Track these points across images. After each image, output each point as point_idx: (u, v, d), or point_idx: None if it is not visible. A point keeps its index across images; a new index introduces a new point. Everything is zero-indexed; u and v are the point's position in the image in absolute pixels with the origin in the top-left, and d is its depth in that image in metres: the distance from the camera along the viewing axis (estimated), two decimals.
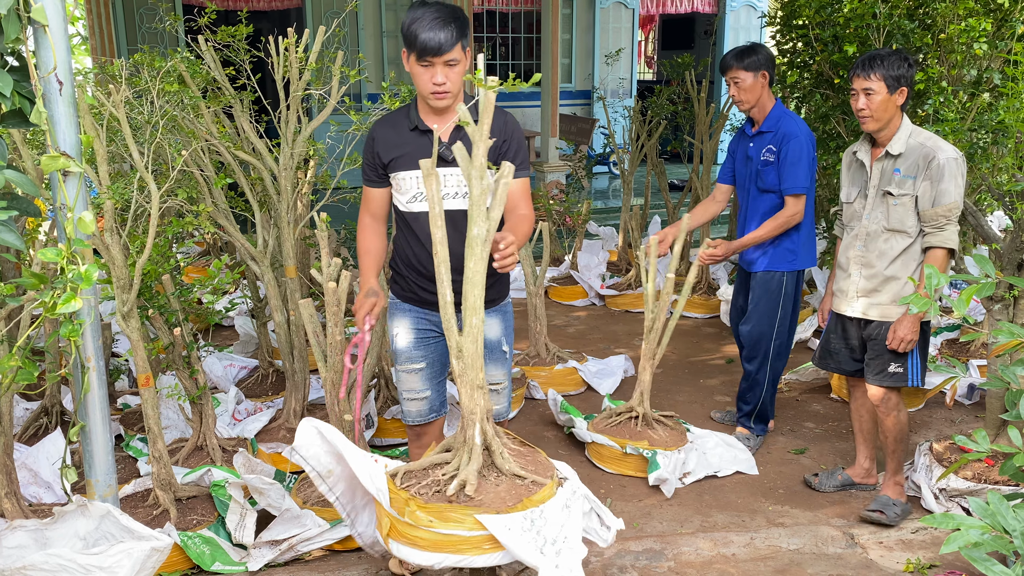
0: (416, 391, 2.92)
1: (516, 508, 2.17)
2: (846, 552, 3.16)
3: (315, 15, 9.97)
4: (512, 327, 3.00)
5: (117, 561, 2.06)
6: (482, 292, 2.20)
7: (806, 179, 3.70)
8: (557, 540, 2.21)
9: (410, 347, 2.89)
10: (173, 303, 3.34)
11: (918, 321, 3.19)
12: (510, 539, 2.12)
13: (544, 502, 2.23)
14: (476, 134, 2.13)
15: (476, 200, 2.15)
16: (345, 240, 6.45)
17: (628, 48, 12.43)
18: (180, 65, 3.43)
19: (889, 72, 3.11)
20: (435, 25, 2.55)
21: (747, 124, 3.95)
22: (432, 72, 2.61)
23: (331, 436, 2.36)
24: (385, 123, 2.83)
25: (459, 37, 2.59)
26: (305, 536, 2.99)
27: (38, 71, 2.08)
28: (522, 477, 2.29)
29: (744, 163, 3.93)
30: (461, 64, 2.64)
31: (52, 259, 1.87)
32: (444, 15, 2.57)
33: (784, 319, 3.87)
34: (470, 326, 2.22)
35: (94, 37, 8.38)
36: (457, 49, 2.59)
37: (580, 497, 2.38)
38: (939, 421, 4.25)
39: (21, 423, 3.86)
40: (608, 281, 6.52)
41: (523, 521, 2.16)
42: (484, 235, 2.15)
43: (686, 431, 3.87)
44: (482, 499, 2.20)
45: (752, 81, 3.74)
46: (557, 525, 2.23)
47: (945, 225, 3.13)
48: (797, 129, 3.71)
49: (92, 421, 2.50)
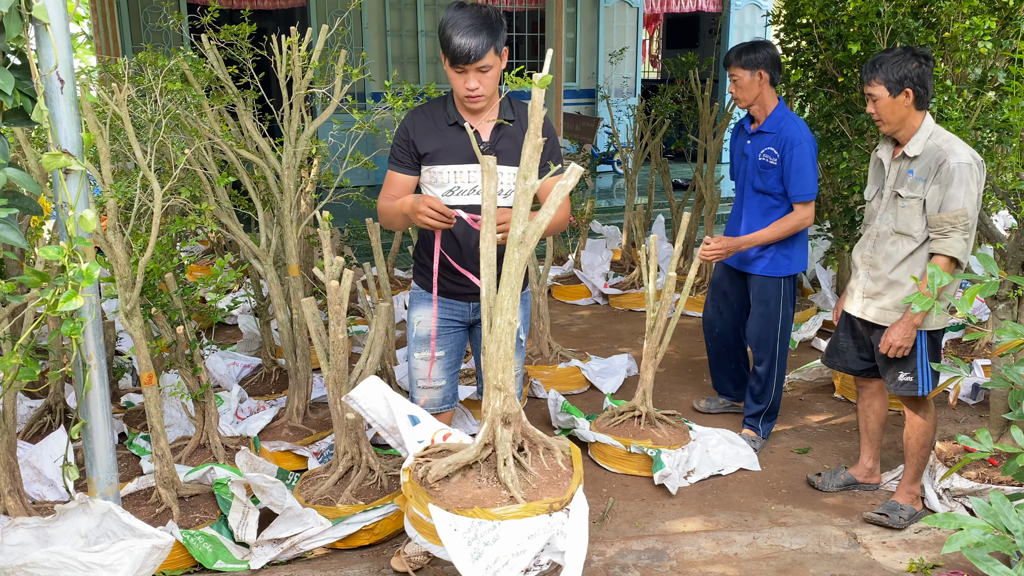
0: (433, 380, 2.98)
1: (466, 512, 2.16)
2: (849, 552, 3.15)
3: (319, 14, 9.97)
4: (529, 317, 3.04)
5: (118, 559, 2.06)
6: (517, 293, 2.16)
7: (814, 185, 3.72)
8: (499, 561, 2.13)
9: (430, 335, 2.94)
10: (176, 301, 3.34)
11: (911, 328, 3.12)
12: (450, 539, 2.12)
13: (503, 520, 2.15)
14: (531, 136, 2.06)
15: (519, 199, 2.10)
16: (348, 239, 6.45)
17: (632, 47, 12.40)
18: (183, 64, 3.44)
19: (889, 76, 3.07)
20: (468, 32, 2.56)
21: (746, 120, 3.96)
22: (465, 78, 2.65)
23: (393, 401, 2.48)
24: (422, 113, 2.85)
25: (491, 43, 2.59)
26: (307, 534, 3.00)
27: (39, 69, 2.08)
28: (508, 489, 2.23)
29: (740, 159, 3.96)
30: (495, 68, 2.66)
31: (53, 257, 1.87)
32: (478, 21, 2.58)
33: (787, 319, 3.93)
34: (497, 326, 2.19)
35: (99, 36, 8.40)
36: (490, 55, 2.61)
37: (556, 534, 2.22)
38: (944, 421, 4.24)
39: (25, 421, 3.87)
40: (611, 280, 6.51)
41: (469, 528, 2.14)
42: (520, 237, 2.11)
43: (689, 429, 3.86)
44: (446, 493, 2.22)
45: (749, 79, 3.75)
46: (509, 548, 2.14)
47: (950, 232, 3.04)
48: (799, 135, 3.71)
49: (93, 419, 2.50)
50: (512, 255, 2.11)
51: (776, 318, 3.90)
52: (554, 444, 2.39)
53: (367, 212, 7.02)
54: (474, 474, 2.27)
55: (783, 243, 3.84)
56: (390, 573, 2.97)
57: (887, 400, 3.56)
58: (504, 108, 2.82)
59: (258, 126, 3.74)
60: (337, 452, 3.28)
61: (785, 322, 3.92)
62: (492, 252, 2.18)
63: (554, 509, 2.19)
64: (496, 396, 2.23)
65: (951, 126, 3.56)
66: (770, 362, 3.95)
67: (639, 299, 6.23)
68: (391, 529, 3.16)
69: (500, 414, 2.25)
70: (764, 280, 3.89)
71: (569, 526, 2.20)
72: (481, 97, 2.68)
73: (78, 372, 2.41)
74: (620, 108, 11.69)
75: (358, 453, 3.26)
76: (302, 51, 3.51)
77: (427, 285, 2.95)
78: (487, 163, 2.10)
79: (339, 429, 3.25)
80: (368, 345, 3.15)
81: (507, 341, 2.18)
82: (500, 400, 2.24)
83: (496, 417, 2.26)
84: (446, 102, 2.83)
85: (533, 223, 2.09)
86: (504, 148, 2.78)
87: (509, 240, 2.12)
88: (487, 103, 2.73)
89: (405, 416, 2.50)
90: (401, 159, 2.85)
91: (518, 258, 2.11)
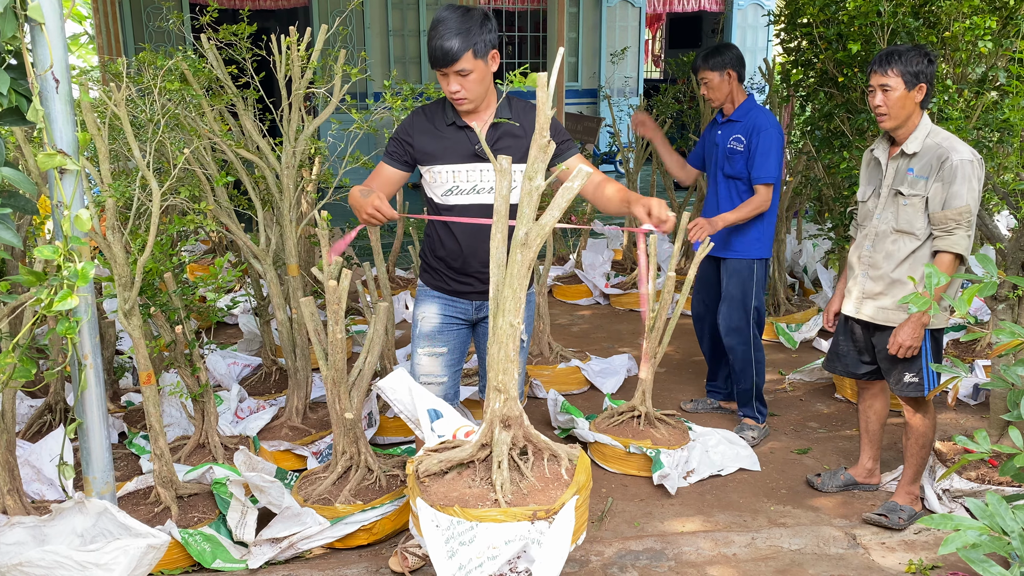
0: (435, 375, 2.99)
1: (446, 510, 2.16)
2: (848, 553, 3.15)
3: (321, 14, 9.98)
4: (533, 316, 3.09)
5: (113, 558, 2.06)
6: (521, 296, 2.15)
7: (775, 169, 3.91)
8: (472, 560, 2.12)
9: (434, 331, 2.96)
10: (175, 301, 3.34)
11: (920, 327, 3.09)
12: (430, 533, 2.14)
13: (482, 521, 2.14)
14: (538, 139, 2.04)
15: (524, 201, 2.08)
16: None
17: (634, 47, 12.40)
18: (182, 63, 3.44)
19: (907, 68, 3.04)
20: (446, 35, 2.56)
21: (719, 114, 4.17)
22: (447, 81, 2.66)
23: (417, 393, 2.53)
24: (423, 114, 2.86)
25: (468, 46, 2.58)
26: (305, 534, 2.99)
27: (35, 69, 2.08)
28: (497, 492, 2.22)
29: (712, 149, 4.15)
30: (477, 72, 2.64)
31: (49, 256, 1.87)
32: (456, 25, 2.57)
33: (759, 303, 4.11)
34: (499, 328, 2.18)
35: (100, 36, 8.41)
36: (467, 58, 2.59)
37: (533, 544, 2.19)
38: (944, 422, 4.22)
39: (26, 420, 3.88)
40: (613, 280, 6.50)
41: (450, 525, 2.15)
42: (524, 238, 2.10)
43: (688, 429, 3.86)
44: (435, 489, 2.23)
45: (719, 80, 3.99)
46: (482, 550, 2.12)
47: (954, 229, 3.03)
48: (767, 122, 3.93)
49: (89, 418, 2.50)
50: (515, 257, 2.11)
51: (749, 302, 4.06)
52: (562, 452, 2.36)
53: None
54: (470, 473, 2.27)
55: (754, 227, 4.01)
56: (388, 573, 2.97)
57: (888, 401, 3.54)
58: (502, 108, 2.81)
59: (258, 126, 3.75)
60: (336, 452, 3.28)
61: (758, 306, 4.08)
62: (502, 252, 2.18)
63: (537, 517, 2.14)
64: (496, 398, 2.23)
65: (951, 126, 3.55)
66: (745, 348, 4.08)
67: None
68: (389, 529, 3.15)
69: (500, 416, 2.25)
70: (738, 264, 4.06)
71: (548, 536, 2.14)
72: (464, 100, 2.68)
73: (74, 371, 2.41)
74: (622, 108, 11.68)
75: (357, 453, 3.26)
76: (301, 51, 3.51)
77: (432, 283, 2.97)
78: (500, 163, 2.11)
79: (338, 429, 3.24)
80: (367, 344, 3.15)
81: (508, 343, 2.17)
82: (500, 402, 2.23)
83: (495, 419, 2.25)
84: (444, 103, 2.84)
85: (536, 226, 2.08)
86: (503, 147, 2.78)
87: (513, 242, 2.11)
88: (472, 105, 2.72)
89: (425, 410, 2.53)
90: (392, 152, 2.87)
91: (520, 260, 2.10)
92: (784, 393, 4.71)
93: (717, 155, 4.09)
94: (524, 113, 2.84)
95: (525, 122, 2.81)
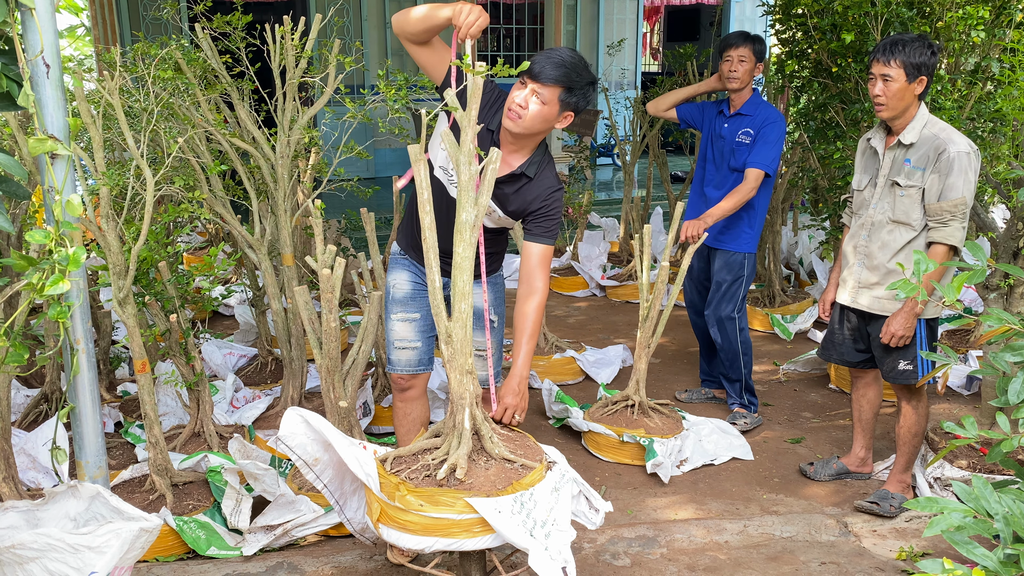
0: (408, 340, 2.99)
1: (506, 491, 2.19)
2: (839, 540, 3.16)
3: (318, 5, 9.97)
4: (503, 298, 3.07)
5: (105, 541, 2.07)
6: (471, 277, 2.24)
7: (774, 161, 3.93)
8: (547, 523, 2.23)
9: (407, 298, 2.98)
10: (170, 290, 3.35)
11: (912, 317, 3.11)
12: (500, 522, 2.13)
13: (533, 485, 2.25)
14: (464, 120, 2.14)
15: (464, 186, 2.17)
16: (345, 229, 6.45)
17: (632, 39, 12.39)
18: (176, 53, 3.44)
19: (910, 59, 3.02)
20: (559, 61, 2.55)
21: (724, 103, 4.15)
22: (520, 91, 2.58)
23: (317, 424, 2.36)
24: (490, 89, 2.72)
25: (564, 84, 2.55)
26: (300, 521, 3.01)
27: (25, 54, 2.08)
28: (511, 461, 2.31)
29: (716, 140, 4.16)
30: (548, 108, 2.57)
31: (40, 241, 1.88)
32: (574, 66, 2.56)
33: (746, 292, 4.17)
34: (459, 312, 2.23)
35: (97, 27, 8.40)
36: (554, 89, 2.55)
37: (569, 480, 2.39)
38: (937, 412, 4.24)
39: (22, 409, 3.89)
40: (609, 272, 6.52)
41: (513, 504, 2.17)
42: (472, 221, 2.18)
43: (682, 419, 3.87)
44: (472, 483, 2.22)
45: (751, 66, 3.99)
46: (546, 508, 2.25)
47: (949, 221, 3.04)
48: (775, 115, 4.00)
49: (82, 403, 2.51)
50: (463, 237, 2.18)
51: (738, 293, 4.12)
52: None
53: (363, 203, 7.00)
54: (469, 460, 2.30)
55: (746, 220, 4.04)
56: (382, 560, 2.98)
57: (881, 390, 3.56)
58: (532, 164, 2.72)
59: (253, 116, 3.75)
60: None
61: (745, 293, 4.15)
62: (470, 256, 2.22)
63: (549, 466, 2.36)
64: (468, 379, 2.30)
65: (944, 116, 3.56)
66: (732, 334, 4.12)
67: (636, 291, 6.24)
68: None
69: (476, 396, 2.33)
70: (729, 256, 4.10)
71: (563, 482, 2.37)
72: (519, 118, 2.57)
73: (67, 357, 2.42)
74: (619, 100, 11.68)
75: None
76: (295, 40, 3.51)
77: (404, 243, 3.00)
78: (413, 152, 2.14)
79: (332, 417, 3.25)
80: (360, 334, 3.16)
81: (469, 325, 2.25)
82: (473, 383, 2.31)
83: (474, 400, 2.32)
84: (496, 109, 2.72)
85: (479, 208, 2.17)
86: (507, 193, 2.72)
87: (456, 225, 2.17)
88: (519, 129, 2.60)
89: (335, 433, 2.37)
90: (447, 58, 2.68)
91: (468, 239, 2.19)
92: (778, 383, 4.73)
93: (723, 147, 4.11)
94: (548, 176, 2.76)
95: (540, 188, 2.73)
